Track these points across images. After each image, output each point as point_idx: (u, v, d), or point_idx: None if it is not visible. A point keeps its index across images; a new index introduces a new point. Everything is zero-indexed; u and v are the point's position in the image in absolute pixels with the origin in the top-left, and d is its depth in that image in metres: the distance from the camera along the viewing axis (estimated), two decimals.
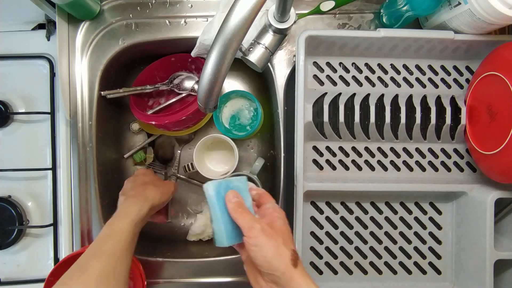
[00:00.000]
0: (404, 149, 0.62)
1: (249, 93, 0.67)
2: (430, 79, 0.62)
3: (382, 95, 0.60)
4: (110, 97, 0.66)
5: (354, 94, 0.60)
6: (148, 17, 0.65)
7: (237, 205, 0.42)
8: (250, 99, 0.69)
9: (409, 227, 0.62)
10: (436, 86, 0.62)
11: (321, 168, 0.61)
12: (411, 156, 0.62)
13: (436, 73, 0.62)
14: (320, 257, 0.61)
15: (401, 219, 0.62)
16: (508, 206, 0.59)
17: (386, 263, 0.61)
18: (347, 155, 0.61)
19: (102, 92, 0.65)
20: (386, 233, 0.61)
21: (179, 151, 0.75)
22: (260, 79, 0.72)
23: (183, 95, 0.70)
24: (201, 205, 0.75)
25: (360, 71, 0.61)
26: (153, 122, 0.63)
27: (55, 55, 0.63)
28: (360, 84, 0.61)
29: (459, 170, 0.62)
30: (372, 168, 0.62)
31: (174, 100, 0.71)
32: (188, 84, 0.70)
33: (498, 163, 0.52)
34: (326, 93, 0.60)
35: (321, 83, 0.61)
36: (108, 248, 0.48)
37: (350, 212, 0.61)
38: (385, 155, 0.62)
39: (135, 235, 0.52)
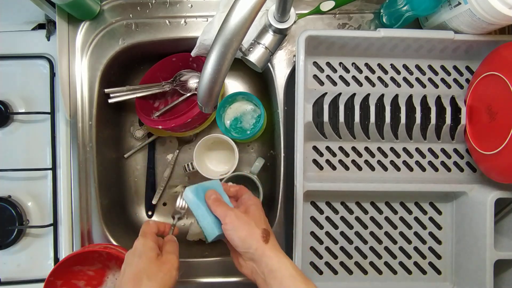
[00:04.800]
0: (404, 149, 0.62)
1: (257, 98, 0.66)
2: (430, 79, 0.62)
3: (382, 95, 0.60)
4: (112, 101, 0.66)
5: (354, 94, 0.60)
6: (148, 17, 0.65)
7: (214, 200, 0.48)
8: (256, 105, 0.69)
9: (409, 227, 0.62)
10: (436, 86, 0.62)
11: (321, 168, 0.61)
12: (411, 156, 0.62)
13: (436, 73, 0.62)
14: (320, 257, 0.61)
15: (401, 219, 0.62)
16: (508, 206, 0.59)
17: (386, 263, 0.61)
18: (347, 155, 0.61)
19: (105, 90, 0.65)
20: (386, 233, 0.61)
21: (177, 151, 0.75)
22: (260, 79, 0.72)
23: (187, 95, 0.70)
24: None
25: (360, 71, 0.61)
26: (160, 127, 0.63)
27: (55, 55, 0.63)
28: (360, 84, 0.61)
29: (459, 170, 0.62)
30: (372, 168, 0.62)
31: (180, 100, 0.71)
32: (193, 82, 0.70)
33: (498, 163, 0.52)
34: (326, 93, 0.60)
35: (321, 83, 0.61)
36: None
37: (350, 212, 0.61)
38: (385, 155, 0.62)
39: None
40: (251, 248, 0.43)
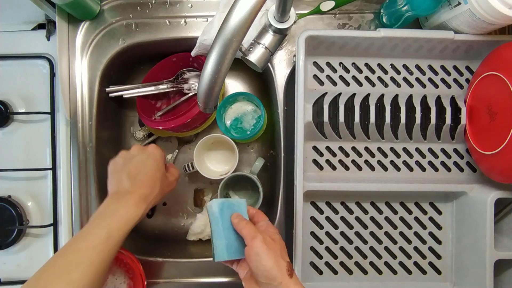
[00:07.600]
0: (404, 149, 0.62)
1: (258, 99, 0.66)
2: (430, 79, 0.62)
3: (382, 95, 0.60)
4: (113, 95, 0.66)
5: (354, 94, 0.60)
6: (148, 17, 0.65)
7: (241, 219, 0.46)
8: (256, 106, 0.69)
9: (409, 227, 0.62)
10: (436, 86, 0.62)
11: (321, 168, 0.61)
12: (411, 156, 0.62)
13: (436, 73, 0.62)
14: (320, 257, 0.61)
15: (401, 219, 0.62)
16: (508, 206, 0.59)
17: (386, 263, 0.61)
18: (347, 155, 0.61)
19: (106, 89, 0.65)
20: (386, 233, 0.61)
21: (176, 151, 0.75)
22: (260, 79, 0.72)
23: (190, 94, 0.70)
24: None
25: (360, 71, 0.61)
26: (160, 127, 0.63)
27: (55, 55, 0.63)
28: (360, 84, 0.61)
29: (459, 170, 0.62)
30: (372, 168, 0.62)
31: (182, 100, 0.71)
32: (194, 82, 0.70)
33: (498, 163, 0.52)
34: (326, 93, 0.60)
35: (321, 83, 0.61)
36: (99, 258, 0.43)
37: (350, 212, 0.61)
38: (385, 155, 0.62)
39: None
40: (275, 280, 0.41)
